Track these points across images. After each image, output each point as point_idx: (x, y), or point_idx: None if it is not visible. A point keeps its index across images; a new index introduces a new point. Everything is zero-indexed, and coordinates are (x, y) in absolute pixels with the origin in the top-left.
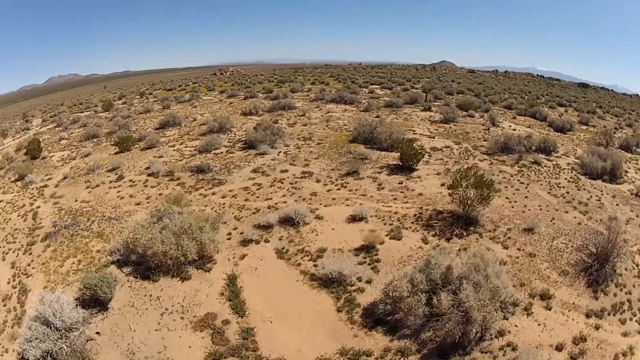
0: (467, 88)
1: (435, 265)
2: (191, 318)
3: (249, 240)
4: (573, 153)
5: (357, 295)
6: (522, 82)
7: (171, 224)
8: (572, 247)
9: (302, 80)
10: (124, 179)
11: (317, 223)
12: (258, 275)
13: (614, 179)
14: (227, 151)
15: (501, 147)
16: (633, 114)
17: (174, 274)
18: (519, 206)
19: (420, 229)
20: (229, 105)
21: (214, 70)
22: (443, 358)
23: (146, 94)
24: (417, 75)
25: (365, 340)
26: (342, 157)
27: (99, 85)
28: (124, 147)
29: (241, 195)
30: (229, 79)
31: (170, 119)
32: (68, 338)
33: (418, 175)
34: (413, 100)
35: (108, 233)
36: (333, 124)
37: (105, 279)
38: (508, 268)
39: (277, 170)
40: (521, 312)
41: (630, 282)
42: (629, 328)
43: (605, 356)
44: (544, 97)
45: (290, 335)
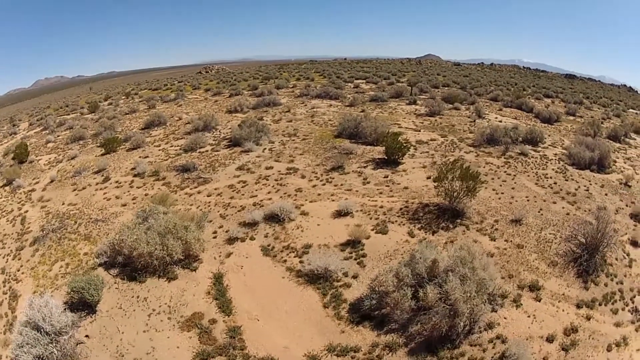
0: (452, 81)
1: (420, 259)
2: (178, 318)
3: (235, 238)
4: (560, 144)
5: (343, 290)
6: (508, 74)
7: (156, 224)
8: (560, 238)
9: (287, 76)
10: (110, 181)
11: (303, 219)
12: (244, 273)
13: (602, 168)
14: (212, 149)
15: (487, 139)
16: (621, 104)
17: (160, 275)
18: (506, 197)
19: (406, 222)
20: (214, 104)
21: (199, 68)
22: (431, 352)
23: (132, 94)
24: (403, 69)
25: (352, 336)
26: (327, 153)
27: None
28: (109, 148)
29: (226, 193)
30: (214, 77)
31: (156, 119)
32: (58, 342)
33: (404, 169)
34: (398, 94)
35: (95, 235)
36: (318, 119)
37: (92, 281)
38: (496, 260)
39: (262, 167)
40: (510, 303)
41: (621, 272)
42: (621, 318)
43: (597, 347)
44: (531, 89)
45: (277, 332)
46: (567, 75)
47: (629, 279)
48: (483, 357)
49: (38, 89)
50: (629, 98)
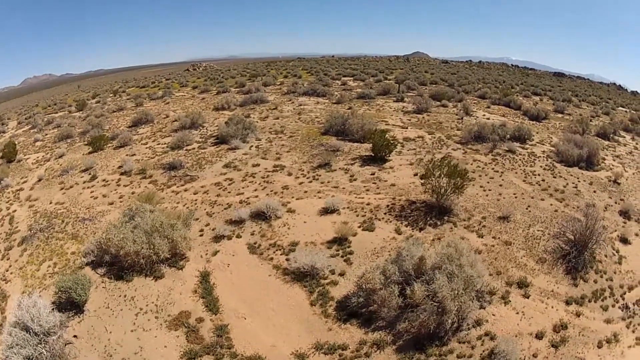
0: (440, 78)
1: (407, 256)
2: (165, 317)
3: (221, 236)
4: (548, 141)
5: (330, 288)
6: (497, 71)
7: (143, 222)
8: (549, 235)
9: (274, 73)
10: (97, 179)
11: (289, 216)
12: (231, 271)
13: (590, 166)
14: (199, 147)
15: (475, 136)
16: (610, 102)
17: (147, 273)
18: (494, 194)
19: (393, 219)
20: (202, 101)
21: (187, 66)
22: (419, 349)
23: (119, 92)
24: (391, 66)
25: (340, 334)
26: (314, 150)
27: (73, 85)
28: (97, 146)
29: (213, 191)
30: (201, 75)
31: (143, 117)
32: (47, 343)
33: (390, 166)
34: (386, 91)
35: (82, 234)
36: (305, 116)
37: (79, 281)
38: (484, 257)
39: (248, 165)
40: (498, 300)
41: (610, 269)
42: (611, 315)
43: (588, 343)
44: (519, 87)
45: (264, 330)
46: (556, 74)
47: (619, 275)
48: (472, 354)
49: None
50: (618, 96)
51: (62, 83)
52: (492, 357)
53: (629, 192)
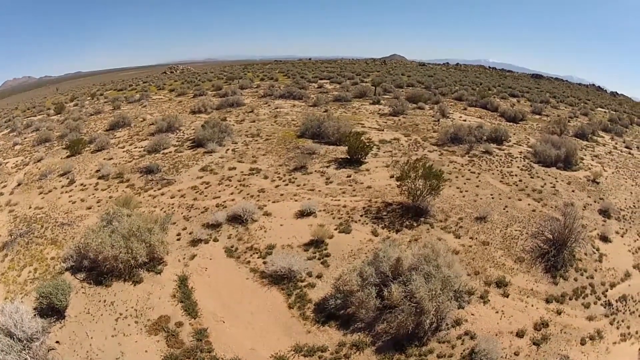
0: (417, 81)
1: (384, 257)
2: (145, 322)
3: (198, 240)
4: (526, 142)
5: (308, 290)
6: (474, 74)
7: (120, 227)
8: (527, 234)
9: (251, 76)
10: (76, 183)
11: (266, 220)
12: (208, 275)
13: (568, 166)
14: (175, 150)
15: (451, 138)
16: (589, 102)
17: (125, 278)
18: (471, 195)
19: (369, 221)
20: (178, 104)
21: (164, 69)
22: (399, 350)
23: (97, 95)
24: (367, 69)
25: (319, 336)
26: (290, 153)
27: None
28: (75, 150)
29: (190, 195)
30: (179, 77)
31: (120, 120)
32: (30, 349)
33: (367, 168)
34: (362, 94)
35: (61, 239)
36: (281, 119)
37: (59, 286)
38: (461, 257)
39: (225, 168)
40: (477, 300)
41: (591, 267)
42: (594, 312)
43: (570, 340)
44: (496, 88)
45: (243, 334)
46: (534, 75)
47: (600, 273)
48: (452, 353)
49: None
50: (598, 97)
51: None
52: (472, 356)
53: (609, 191)
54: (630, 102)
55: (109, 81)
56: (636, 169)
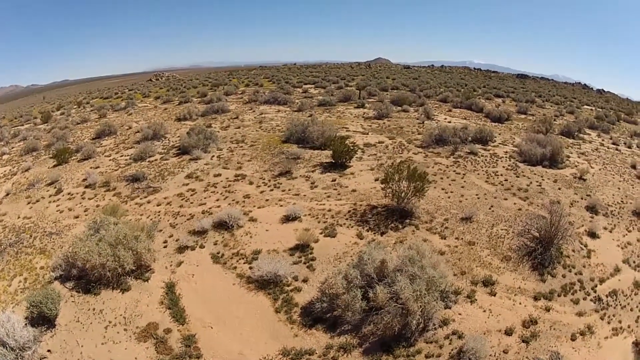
0: (402, 84)
1: (368, 260)
2: (134, 329)
3: (185, 246)
4: (511, 142)
5: (294, 295)
6: (459, 75)
7: (107, 235)
8: (513, 233)
9: (236, 82)
10: (63, 192)
11: (251, 225)
12: (195, 282)
13: (554, 164)
14: (161, 158)
15: (436, 140)
16: (575, 101)
17: (114, 286)
18: (456, 196)
19: (354, 224)
20: (164, 111)
21: (150, 76)
22: (386, 351)
23: (83, 103)
24: (352, 73)
25: (306, 339)
26: (275, 158)
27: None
28: (61, 159)
29: (176, 202)
30: (164, 85)
31: (106, 128)
32: (23, 358)
33: (351, 172)
34: (347, 98)
35: (50, 249)
36: (266, 125)
37: (49, 295)
38: (447, 257)
39: (210, 175)
40: (464, 300)
41: (579, 263)
42: (583, 308)
43: (560, 337)
44: (481, 89)
45: (231, 339)
46: (519, 75)
47: (589, 269)
48: (440, 353)
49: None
50: (584, 95)
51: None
52: (461, 355)
53: (596, 188)
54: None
55: (95, 89)
56: (623, 165)
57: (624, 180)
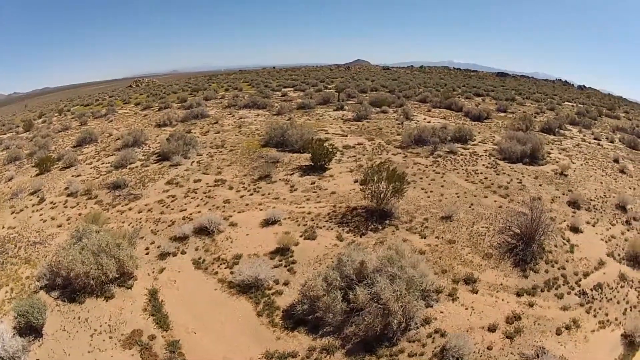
0: (381, 85)
1: (348, 261)
2: (119, 337)
3: (167, 253)
4: (491, 140)
5: (275, 298)
6: (438, 75)
7: (89, 243)
8: (494, 230)
9: (216, 87)
10: (46, 201)
11: (232, 230)
12: (178, 288)
13: (535, 161)
14: (142, 165)
15: (415, 140)
16: (556, 97)
17: (98, 294)
18: (436, 195)
19: (334, 227)
20: (144, 118)
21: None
22: (369, 351)
23: (64, 110)
24: (331, 75)
25: (288, 342)
26: (254, 162)
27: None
28: (43, 168)
29: (157, 209)
30: (144, 91)
31: (87, 136)
32: None
33: (330, 174)
34: (326, 100)
35: (34, 258)
36: (245, 129)
37: (35, 305)
38: (428, 257)
39: (190, 181)
40: (446, 298)
41: (562, 258)
42: (568, 302)
43: (545, 332)
44: (461, 89)
45: (215, 344)
46: (499, 74)
47: (572, 263)
48: (423, 352)
49: None
50: (565, 91)
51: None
52: (444, 353)
53: (577, 183)
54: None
55: (76, 96)
56: (606, 159)
57: (606, 175)
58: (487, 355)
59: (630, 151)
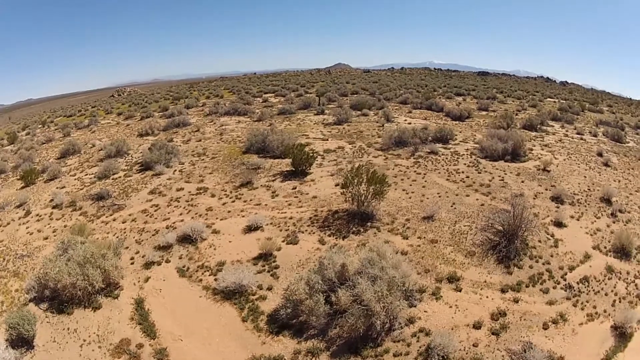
0: (361, 88)
1: (329, 264)
2: (108, 346)
3: (151, 262)
4: (472, 139)
5: (259, 303)
6: (419, 76)
7: (75, 254)
8: (476, 229)
9: (197, 95)
10: (32, 214)
11: (215, 237)
12: (163, 296)
13: (517, 158)
14: (125, 175)
15: (396, 142)
16: (537, 94)
17: (85, 305)
18: (417, 196)
19: (316, 231)
20: (126, 128)
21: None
22: (354, 352)
23: (48, 122)
24: (312, 80)
25: (274, 346)
26: (236, 169)
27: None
28: (29, 180)
29: (140, 218)
30: (126, 100)
31: (70, 147)
32: None
33: (312, 179)
34: (306, 105)
35: (23, 271)
36: (227, 136)
37: (25, 317)
38: (410, 257)
39: (173, 190)
40: (429, 297)
41: (547, 253)
42: (554, 296)
43: (531, 327)
44: (442, 89)
45: (201, 350)
46: (480, 73)
47: (557, 258)
48: (408, 351)
49: None
50: (547, 88)
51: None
52: (429, 351)
53: (560, 178)
54: (581, 90)
55: (59, 107)
56: (589, 154)
57: (590, 169)
58: (473, 353)
59: (614, 144)
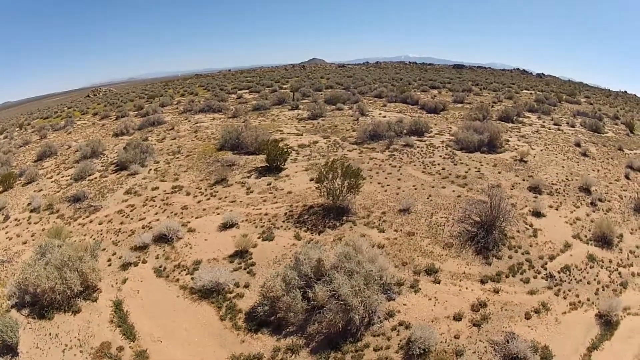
0: (336, 82)
1: (305, 260)
2: (89, 350)
3: (128, 263)
4: (448, 131)
5: (237, 301)
6: (394, 70)
7: (52, 258)
8: (453, 220)
9: (172, 93)
10: (10, 219)
11: (190, 236)
12: (141, 297)
13: (493, 149)
14: (100, 176)
15: (370, 135)
16: (514, 86)
17: (65, 309)
18: (392, 189)
19: (292, 226)
20: (102, 128)
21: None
22: (334, 348)
23: (25, 125)
24: (286, 75)
25: (253, 344)
26: (211, 167)
27: None
28: (7, 185)
29: (117, 219)
30: (102, 100)
31: (47, 149)
32: None
33: (286, 174)
34: (281, 100)
35: (4, 277)
36: (201, 134)
37: (8, 324)
38: (387, 250)
39: (148, 189)
40: (408, 290)
41: (526, 243)
42: (535, 286)
43: (513, 317)
44: (417, 82)
45: (181, 351)
46: (456, 66)
47: (536, 247)
48: (389, 345)
49: None
50: (523, 80)
51: None
52: (409, 344)
53: (538, 168)
54: (558, 81)
55: (35, 109)
56: (567, 144)
57: (568, 159)
58: (454, 344)
59: (592, 135)
